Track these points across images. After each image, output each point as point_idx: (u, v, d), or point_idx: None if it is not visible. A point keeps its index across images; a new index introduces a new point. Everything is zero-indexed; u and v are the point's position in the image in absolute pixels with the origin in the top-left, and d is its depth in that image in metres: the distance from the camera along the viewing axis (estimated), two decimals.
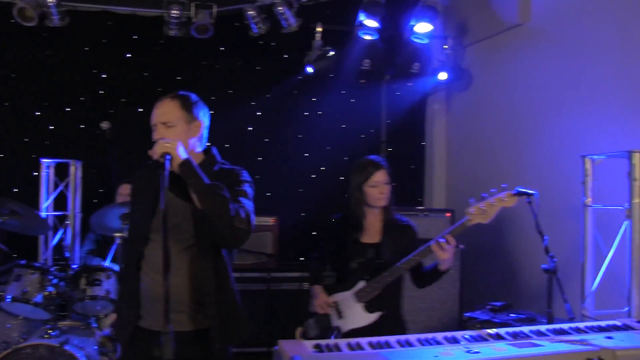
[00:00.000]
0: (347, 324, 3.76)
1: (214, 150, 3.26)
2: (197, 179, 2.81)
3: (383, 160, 3.95)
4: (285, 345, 2.58)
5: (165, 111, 3.05)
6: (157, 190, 3.04)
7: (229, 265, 3.14)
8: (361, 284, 3.78)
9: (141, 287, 3.05)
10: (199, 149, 3.19)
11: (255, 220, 6.01)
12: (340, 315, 3.79)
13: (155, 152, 2.80)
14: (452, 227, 3.64)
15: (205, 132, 3.22)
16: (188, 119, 3.08)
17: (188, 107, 3.10)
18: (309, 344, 2.63)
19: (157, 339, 2.33)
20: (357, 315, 3.76)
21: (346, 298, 3.80)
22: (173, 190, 2.97)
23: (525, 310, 5.01)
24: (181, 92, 3.16)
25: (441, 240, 3.56)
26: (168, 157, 2.76)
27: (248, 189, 3.10)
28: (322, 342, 2.65)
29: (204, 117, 3.19)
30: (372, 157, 3.96)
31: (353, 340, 2.71)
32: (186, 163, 2.82)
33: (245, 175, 3.17)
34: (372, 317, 3.74)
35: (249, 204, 3.01)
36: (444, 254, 3.57)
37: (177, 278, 2.97)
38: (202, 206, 2.81)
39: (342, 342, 2.68)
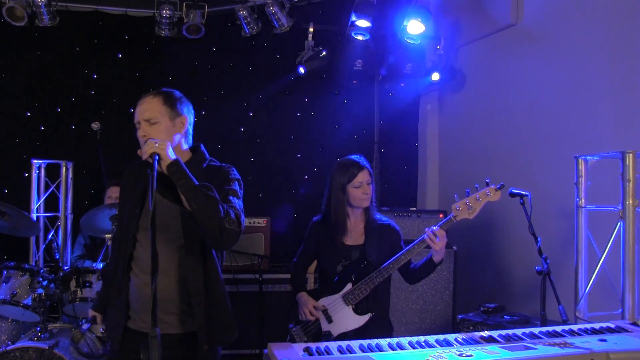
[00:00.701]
0: (338, 328, 3.73)
1: (202, 148, 3.22)
2: (187, 180, 2.78)
3: (365, 159, 3.93)
4: (274, 349, 2.54)
5: (148, 108, 3.01)
6: (143, 190, 3.03)
7: (219, 266, 3.11)
8: (349, 287, 3.75)
9: (130, 289, 3.02)
10: (186, 146, 3.15)
11: (247, 221, 6.08)
12: (329, 319, 3.75)
13: (144, 152, 2.77)
14: (439, 223, 3.66)
15: (190, 129, 3.18)
16: (172, 115, 3.04)
17: (171, 103, 3.06)
18: (299, 347, 2.59)
19: (145, 341, 2.30)
20: (348, 318, 3.73)
21: (334, 301, 3.77)
22: (161, 190, 2.94)
23: (519, 312, 5.00)
24: (164, 89, 3.12)
25: (436, 228, 3.60)
26: (157, 157, 2.72)
27: (237, 187, 3.07)
28: (312, 345, 2.62)
29: (188, 113, 3.15)
30: (354, 157, 3.93)
31: (343, 343, 2.67)
32: (175, 164, 2.78)
33: (235, 173, 3.14)
34: (362, 320, 3.72)
35: (238, 204, 2.98)
36: (438, 244, 3.59)
37: (165, 279, 2.95)
38: (192, 207, 2.77)
39: (333, 345, 2.65)
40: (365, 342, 2.70)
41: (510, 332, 2.91)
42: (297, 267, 4.17)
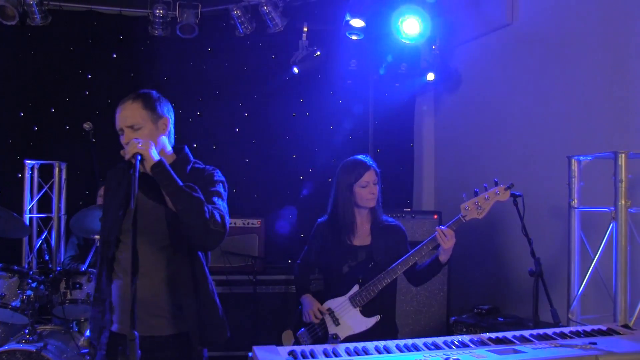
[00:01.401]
0: (345, 331, 3.70)
1: (186, 150, 3.19)
2: (171, 181, 2.75)
3: (371, 159, 3.90)
4: (258, 352, 2.51)
5: (129, 114, 2.97)
6: (128, 191, 2.99)
7: (206, 265, 3.08)
8: (355, 288, 3.72)
9: (114, 291, 2.99)
10: (169, 148, 3.13)
11: (241, 222, 6.04)
12: (336, 322, 3.72)
13: (127, 152, 2.73)
14: (448, 223, 3.64)
15: (172, 128, 3.14)
16: (154, 118, 3.00)
17: (151, 105, 3.02)
18: (284, 350, 2.56)
19: (124, 344, 2.26)
20: (355, 321, 3.70)
21: (341, 304, 3.74)
22: (145, 191, 2.92)
23: (513, 313, 4.97)
24: (142, 91, 3.07)
25: (443, 228, 3.59)
26: (139, 157, 2.69)
27: (221, 189, 3.05)
28: (297, 348, 2.59)
29: (169, 112, 3.12)
30: (360, 156, 3.91)
31: (329, 347, 2.64)
32: (159, 165, 2.75)
33: (219, 175, 3.11)
34: (370, 322, 3.69)
35: (223, 205, 2.96)
36: (448, 242, 3.56)
37: (151, 280, 2.93)
38: (176, 208, 2.75)
39: (318, 348, 2.62)
40: (351, 345, 2.68)
41: (500, 334, 2.89)
42: (301, 269, 4.13)
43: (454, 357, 2.47)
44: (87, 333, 4.54)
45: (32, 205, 6.14)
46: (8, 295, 4.53)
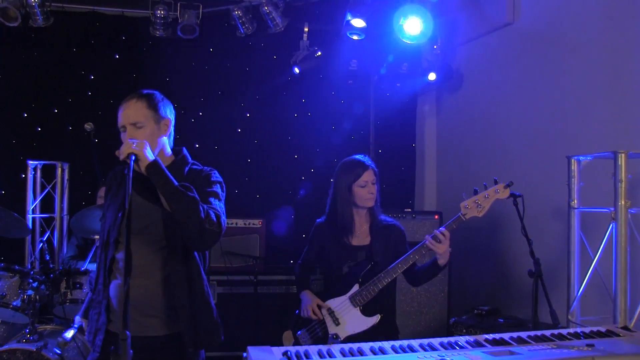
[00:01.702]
0: (346, 330, 3.69)
1: (185, 152, 3.20)
2: (166, 181, 2.75)
3: (369, 159, 3.90)
4: (252, 353, 2.50)
5: (132, 112, 2.98)
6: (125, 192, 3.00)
7: (202, 267, 3.09)
8: (355, 288, 3.71)
9: (111, 291, 3.00)
10: (169, 149, 3.14)
11: (243, 222, 6.03)
12: (336, 322, 3.71)
13: (121, 152, 2.74)
14: (447, 222, 3.63)
15: (172, 129, 3.15)
16: (156, 118, 3.02)
17: (155, 106, 3.03)
18: (278, 350, 2.55)
19: (117, 344, 2.26)
20: (356, 320, 3.69)
21: (341, 303, 3.74)
22: (142, 192, 2.92)
23: (513, 314, 4.95)
24: (145, 91, 3.08)
25: (437, 231, 3.58)
26: (133, 157, 2.69)
27: (219, 189, 3.05)
28: (292, 348, 2.57)
29: (171, 114, 3.14)
30: (358, 156, 3.91)
31: (324, 347, 2.63)
32: (154, 165, 2.75)
33: (216, 176, 3.12)
34: (371, 321, 3.68)
35: (219, 205, 2.96)
36: (441, 247, 3.56)
37: (148, 281, 2.93)
38: (171, 208, 2.75)
39: (313, 348, 2.60)
40: (346, 346, 2.66)
41: (497, 336, 2.87)
42: (301, 268, 4.14)
43: (448, 359, 2.46)
44: (66, 335, 4.51)
45: (35, 206, 6.18)
46: (9, 294, 4.55)
